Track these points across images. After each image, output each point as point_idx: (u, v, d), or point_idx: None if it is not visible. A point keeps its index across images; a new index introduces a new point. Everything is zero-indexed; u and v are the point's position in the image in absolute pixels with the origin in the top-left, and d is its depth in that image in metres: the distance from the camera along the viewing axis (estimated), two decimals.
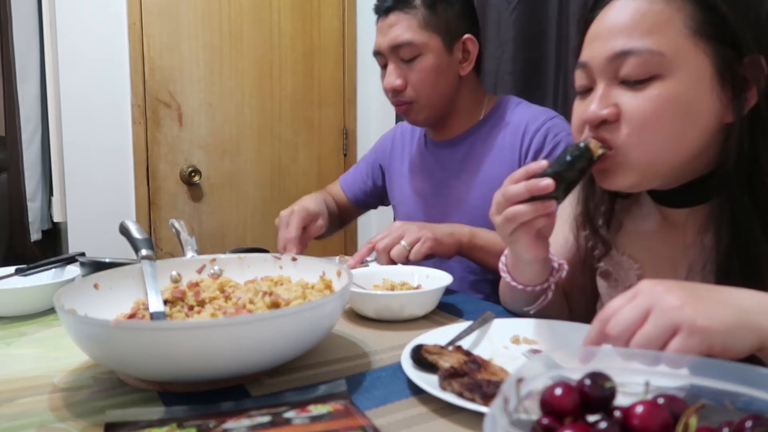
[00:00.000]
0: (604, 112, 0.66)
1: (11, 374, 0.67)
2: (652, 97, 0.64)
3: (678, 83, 0.64)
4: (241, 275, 0.85)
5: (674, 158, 0.66)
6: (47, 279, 1.01)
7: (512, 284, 0.83)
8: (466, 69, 1.21)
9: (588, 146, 0.66)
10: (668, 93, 0.64)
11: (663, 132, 0.65)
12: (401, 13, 1.17)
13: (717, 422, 0.38)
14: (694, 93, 0.64)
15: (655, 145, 0.65)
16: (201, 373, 0.59)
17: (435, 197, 1.30)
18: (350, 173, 1.55)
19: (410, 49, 1.16)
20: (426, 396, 0.58)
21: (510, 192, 0.69)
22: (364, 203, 1.52)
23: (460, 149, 1.27)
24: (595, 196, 0.81)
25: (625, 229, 0.82)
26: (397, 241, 1.04)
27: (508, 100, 1.28)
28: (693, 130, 0.65)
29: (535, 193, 0.67)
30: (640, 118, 0.65)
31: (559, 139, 1.16)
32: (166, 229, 2.19)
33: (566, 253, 0.90)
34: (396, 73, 1.19)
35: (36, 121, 2.01)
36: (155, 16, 2.11)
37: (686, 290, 0.51)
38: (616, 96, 0.67)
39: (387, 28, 1.19)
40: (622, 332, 0.50)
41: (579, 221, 0.85)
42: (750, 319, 0.49)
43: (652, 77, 0.64)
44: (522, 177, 0.69)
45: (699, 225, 0.70)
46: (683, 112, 0.64)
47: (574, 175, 0.67)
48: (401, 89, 1.20)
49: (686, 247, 0.73)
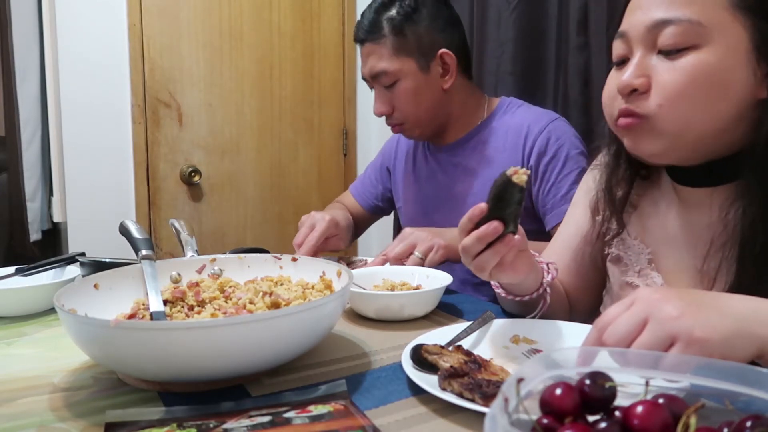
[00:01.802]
0: (637, 81, 0.67)
1: (11, 374, 0.67)
2: (686, 67, 0.65)
3: (713, 54, 0.64)
4: (241, 275, 0.85)
5: (703, 129, 0.66)
6: (47, 279, 1.01)
7: (508, 298, 0.83)
8: (448, 82, 1.22)
9: (510, 180, 0.65)
10: (703, 63, 0.64)
11: (694, 102, 0.65)
12: (372, 44, 1.20)
13: (717, 422, 0.38)
14: (729, 65, 0.64)
15: (685, 114, 0.66)
16: (201, 373, 0.59)
17: (438, 201, 1.30)
18: (360, 181, 1.55)
19: (387, 77, 1.19)
20: (426, 396, 0.58)
21: (466, 246, 0.68)
22: (378, 209, 1.52)
23: (461, 153, 1.27)
24: (618, 176, 0.81)
25: (639, 213, 0.82)
26: (410, 250, 1.05)
27: (509, 102, 1.28)
28: (724, 102, 0.65)
29: (490, 240, 0.67)
30: (672, 88, 0.65)
31: (561, 143, 1.16)
32: (166, 229, 2.19)
33: (577, 241, 0.90)
34: (381, 99, 1.23)
35: (36, 122, 2.01)
36: (155, 16, 2.11)
37: (684, 299, 0.51)
38: (652, 66, 0.67)
39: (365, 57, 1.23)
40: (619, 341, 0.50)
41: (597, 203, 0.85)
42: (748, 328, 0.49)
43: (689, 47, 0.65)
44: (468, 226, 0.68)
45: (722, 203, 0.70)
46: (716, 83, 0.65)
47: (515, 207, 0.66)
48: (389, 114, 1.23)
49: (707, 227, 0.72)
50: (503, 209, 0.66)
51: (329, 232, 1.19)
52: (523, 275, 0.74)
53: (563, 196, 1.14)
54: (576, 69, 1.41)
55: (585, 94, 1.41)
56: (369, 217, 1.53)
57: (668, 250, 0.78)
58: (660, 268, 0.78)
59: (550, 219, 1.16)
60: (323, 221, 1.18)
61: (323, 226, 1.18)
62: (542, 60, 1.55)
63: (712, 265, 0.71)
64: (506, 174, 0.66)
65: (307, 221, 1.20)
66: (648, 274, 0.79)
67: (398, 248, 1.05)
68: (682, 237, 0.76)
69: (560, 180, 1.16)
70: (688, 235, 0.75)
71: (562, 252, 0.93)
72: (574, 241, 0.91)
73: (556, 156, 1.16)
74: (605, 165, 0.84)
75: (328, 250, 1.23)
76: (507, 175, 0.65)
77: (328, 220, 1.19)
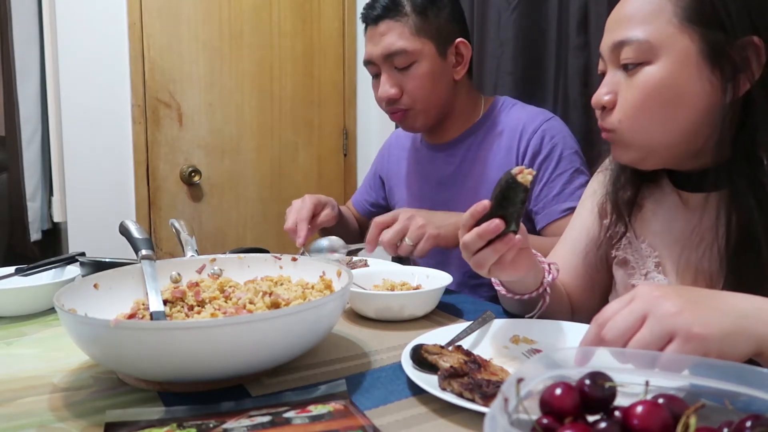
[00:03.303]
0: (604, 99, 0.73)
1: (11, 374, 0.67)
2: (640, 83, 0.70)
3: (663, 68, 0.68)
4: (241, 275, 0.85)
5: (667, 138, 0.71)
6: (47, 279, 1.01)
7: (508, 296, 0.83)
8: (460, 73, 1.21)
9: (515, 179, 0.65)
10: (654, 78, 0.68)
11: (650, 115, 0.70)
12: (392, 21, 1.15)
13: (717, 422, 0.38)
14: (680, 76, 0.68)
15: (644, 127, 0.71)
16: (201, 373, 0.59)
17: (432, 200, 1.30)
18: (358, 190, 1.59)
19: (404, 57, 1.15)
20: (426, 396, 0.58)
21: (467, 243, 0.69)
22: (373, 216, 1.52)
23: (456, 152, 1.27)
24: (624, 179, 0.83)
25: (647, 216, 0.82)
26: (401, 235, 1.02)
27: (503, 101, 1.28)
28: (682, 112, 0.69)
29: (490, 237, 0.67)
30: (630, 104, 0.71)
31: (555, 142, 1.16)
32: (166, 229, 2.19)
33: (584, 243, 0.91)
34: (390, 82, 1.18)
35: (36, 121, 2.01)
36: (155, 16, 2.11)
37: (683, 296, 0.51)
38: (618, 82, 0.72)
39: (378, 37, 1.17)
40: (618, 337, 0.50)
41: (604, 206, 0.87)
42: (747, 326, 0.49)
43: (642, 63, 0.70)
44: (470, 222, 0.69)
45: (720, 207, 0.71)
46: (669, 95, 0.68)
47: (518, 207, 0.66)
48: (397, 98, 1.19)
49: (709, 230, 0.73)
50: (506, 208, 0.66)
51: (316, 208, 1.20)
52: (523, 273, 0.75)
53: (555, 196, 1.14)
54: (576, 69, 1.40)
55: (585, 94, 1.41)
56: (366, 223, 1.55)
57: (674, 253, 0.78)
58: (667, 272, 0.78)
59: (540, 219, 1.16)
60: (305, 200, 1.20)
61: (307, 202, 1.19)
62: (542, 60, 1.55)
63: (713, 268, 0.71)
64: (511, 173, 0.65)
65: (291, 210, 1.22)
66: (655, 277, 0.79)
67: (390, 232, 1.02)
68: (686, 241, 0.77)
69: (553, 180, 1.15)
70: (692, 240, 0.76)
71: (569, 254, 0.93)
72: (581, 243, 0.91)
73: (549, 156, 1.16)
74: (611, 169, 0.85)
75: (323, 225, 1.24)
76: (512, 174, 0.65)
77: (307, 197, 1.21)
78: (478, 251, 0.69)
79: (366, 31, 1.22)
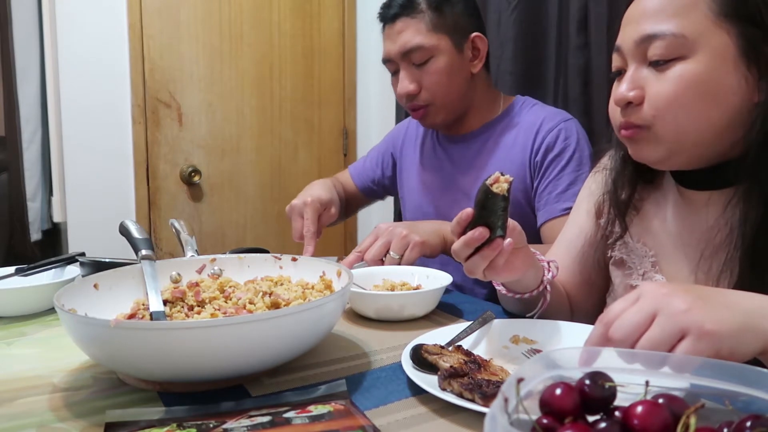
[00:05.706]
0: (631, 94, 0.69)
1: (11, 374, 0.67)
2: (674, 78, 0.67)
3: (699, 64, 0.66)
4: (241, 275, 0.85)
5: (699, 135, 0.68)
6: (47, 279, 1.01)
7: (509, 295, 0.83)
8: (477, 66, 1.22)
9: (490, 189, 0.65)
10: (690, 73, 0.66)
11: (686, 110, 0.67)
12: (408, 19, 1.18)
13: (717, 422, 0.38)
14: (717, 73, 0.66)
15: (679, 121, 0.68)
16: (201, 373, 0.59)
17: (442, 191, 1.31)
18: (360, 162, 1.56)
19: (421, 52, 1.17)
20: (426, 396, 0.58)
21: (455, 251, 0.70)
22: (372, 192, 1.53)
23: (472, 146, 1.28)
24: (622, 179, 0.82)
25: (643, 216, 0.82)
26: (385, 248, 1.04)
27: (524, 101, 1.29)
28: (716, 108, 0.67)
29: (476, 245, 0.68)
30: (664, 98, 0.67)
31: (569, 142, 1.17)
32: (166, 229, 2.19)
33: (580, 243, 0.91)
34: (409, 78, 1.20)
35: (36, 121, 2.01)
36: (155, 16, 2.11)
37: (690, 294, 0.50)
38: (644, 78, 0.70)
39: (395, 35, 1.19)
40: (627, 336, 0.49)
41: (601, 206, 0.86)
42: (755, 323, 0.49)
43: (676, 58, 0.67)
44: (457, 230, 0.69)
45: (722, 206, 0.70)
46: (705, 91, 0.66)
47: (499, 215, 0.66)
48: (415, 93, 1.20)
49: (709, 229, 0.73)
50: (488, 217, 0.66)
51: (319, 213, 1.23)
52: (520, 274, 0.75)
53: (558, 194, 1.14)
54: (576, 69, 1.40)
55: (585, 94, 1.41)
56: (361, 198, 1.54)
57: (672, 252, 0.78)
58: (664, 271, 0.78)
59: (540, 215, 1.17)
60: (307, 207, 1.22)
61: (310, 212, 1.21)
62: (542, 60, 1.55)
63: (715, 267, 0.71)
64: (486, 183, 0.65)
65: (293, 212, 1.24)
66: (652, 276, 0.79)
67: (374, 249, 1.04)
68: (685, 239, 0.76)
69: (559, 177, 1.16)
70: (692, 238, 0.75)
71: (565, 254, 0.92)
72: (577, 243, 0.91)
73: (561, 153, 1.16)
74: (610, 168, 0.84)
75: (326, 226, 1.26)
76: (487, 184, 0.65)
77: (309, 203, 1.22)
78: (468, 258, 0.69)
79: (383, 30, 1.23)
